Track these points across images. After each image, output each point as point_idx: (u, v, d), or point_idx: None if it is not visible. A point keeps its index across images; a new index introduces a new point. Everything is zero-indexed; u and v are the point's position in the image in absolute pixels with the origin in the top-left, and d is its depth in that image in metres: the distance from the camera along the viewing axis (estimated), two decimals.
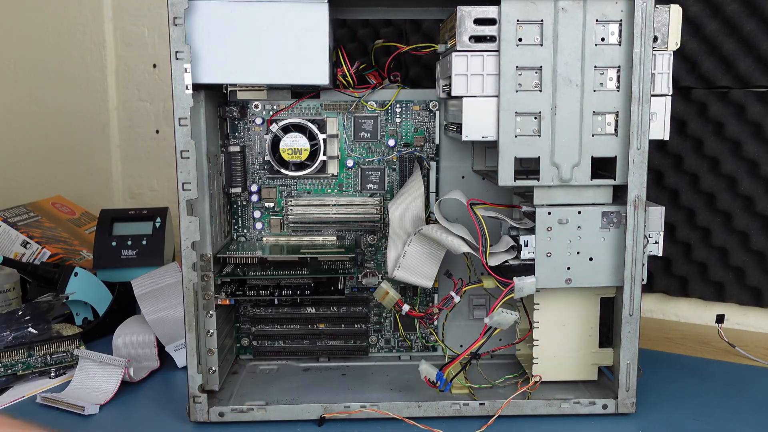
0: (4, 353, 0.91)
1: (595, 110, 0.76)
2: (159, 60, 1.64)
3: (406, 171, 0.93)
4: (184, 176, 0.76)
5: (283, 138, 0.89)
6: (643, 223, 0.77)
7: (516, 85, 0.75)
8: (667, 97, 0.77)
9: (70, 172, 1.74)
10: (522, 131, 0.76)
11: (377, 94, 0.92)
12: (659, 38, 0.76)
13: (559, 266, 0.78)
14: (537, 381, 0.83)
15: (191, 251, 0.78)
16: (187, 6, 0.74)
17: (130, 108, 1.68)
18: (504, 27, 0.74)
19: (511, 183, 0.77)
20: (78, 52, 1.68)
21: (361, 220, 0.94)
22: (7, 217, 1.30)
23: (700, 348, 1.04)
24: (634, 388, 0.80)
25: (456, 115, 0.81)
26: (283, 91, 0.91)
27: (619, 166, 0.77)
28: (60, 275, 1.09)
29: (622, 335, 0.79)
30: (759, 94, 1.06)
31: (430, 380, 0.80)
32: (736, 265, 1.11)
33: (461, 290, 0.81)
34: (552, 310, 0.83)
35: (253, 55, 0.77)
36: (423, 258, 0.84)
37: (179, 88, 0.74)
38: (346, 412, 0.80)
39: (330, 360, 0.95)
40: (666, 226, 1.08)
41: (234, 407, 0.79)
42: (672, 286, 1.17)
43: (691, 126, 1.11)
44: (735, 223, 1.09)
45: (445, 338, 0.94)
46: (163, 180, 1.68)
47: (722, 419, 0.80)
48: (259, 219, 0.94)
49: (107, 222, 1.22)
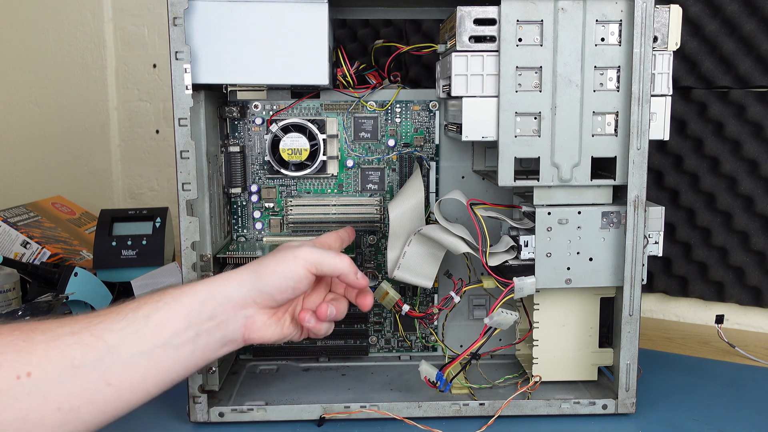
0: None
1: (595, 110, 0.76)
2: (159, 60, 1.64)
3: (406, 171, 0.93)
4: (184, 176, 0.76)
5: (283, 138, 0.89)
6: (643, 223, 0.77)
7: (516, 85, 0.75)
8: (667, 97, 0.77)
9: (70, 172, 1.74)
10: (522, 131, 0.76)
11: (377, 94, 0.92)
12: (659, 38, 0.76)
13: (559, 266, 0.78)
14: (537, 381, 0.83)
15: (191, 251, 0.78)
16: (187, 6, 0.74)
17: (130, 108, 1.68)
18: (504, 27, 0.74)
19: (511, 183, 0.77)
20: (78, 52, 1.68)
21: (360, 221, 0.94)
22: (7, 217, 1.30)
23: (700, 348, 1.04)
24: (634, 388, 0.80)
25: (456, 115, 0.81)
26: (283, 91, 0.91)
27: (619, 166, 0.77)
28: (60, 275, 1.09)
29: (622, 335, 0.79)
30: (759, 94, 1.06)
31: (430, 380, 0.80)
32: (736, 265, 1.11)
33: (461, 290, 0.81)
34: (552, 311, 0.83)
35: (253, 55, 0.77)
36: (423, 258, 0.84)
37: (179, 89, 0.74)
38: (345, 413, 0.80)
39: (330, 360, 0.95)
40: (666, 226, 1.09)
41: (234, 407, 0.80)
42: (672, 286, 1.17)
43: (691, 126, 1.11)
44: (735, 223, 1.09)
45: (445, 338, 0.94)
46: (163, 180, 1.68)
47: (722, 419, 0.80)
48: (259, 219, 0.94)
49: (107, 222, 1.22)
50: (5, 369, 0.54)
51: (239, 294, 0.68)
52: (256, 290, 0.68)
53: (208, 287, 0.67)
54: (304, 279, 0.69)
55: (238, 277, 0.69)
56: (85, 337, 0.59)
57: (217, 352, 0.68)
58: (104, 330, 0.60)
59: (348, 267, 0.72)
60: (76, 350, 0.58)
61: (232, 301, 0.67)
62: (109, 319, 0.61)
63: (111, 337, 0.60)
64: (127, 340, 0.61)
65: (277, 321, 0.71)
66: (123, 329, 0.61)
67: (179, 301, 0.65)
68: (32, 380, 0.55)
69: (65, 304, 1.09)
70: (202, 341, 0.65)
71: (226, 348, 0.68)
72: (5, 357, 0.55)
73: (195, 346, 0.65)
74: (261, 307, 0.69)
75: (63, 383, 0.56)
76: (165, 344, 0.63)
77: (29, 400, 0.55)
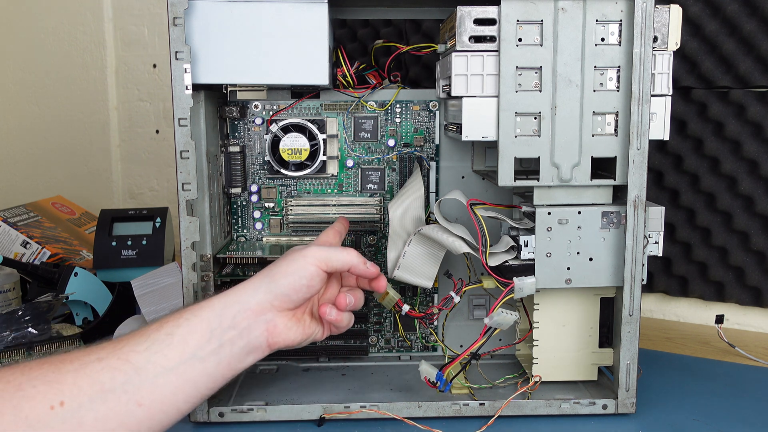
0: (4, 353, 0.91)
1: (595, 110, 0.76)
2: (159, 60, 1.64)
3: (406, 171, 0.93)
4: (184, 176, 0.76)
5: (282, 138, 0.89)
6: (643, 223, 0.77)
7: (516, 85, 0.75)
8: (667, 97, 0.77)
9: (70, 172, 1.74)
10: (522, 131, 0.76)
11: (377, 94, 0.92)
12: (659, 38, 0.76)
13: (559, 266, 0.78)
14: (537, 381, 0.83)
15: (191, 251, 0.78)
16: (187, 6, 0.74)
17: (130, 108, 1.68)
18: (504, 27, 0.74)
19: (511, 183, 0.77)
20: (78, 52, 1.68)
21: (360, 220, 0.94)
22: (7, 217, 1.30)
23: (700, 348, 1.04)
24: (634, 388, 0.80)
25: (456, 115, 0.81)
26: (283, 91, 0.91)
27: (619, 166, 0.77)
28: (60, 275, 1.09)
29: (622, 335, 0.79)
30: (759, 94, 1.06)
31: (430, 380, 0.80)
32: (736, 265, 1.11)
33: (461, 290, 0.81)
34: (552, 311, 0.83)
35: (253, 55, 0.77)
36: (423, 258, 0.84)
37: (179, 89, 0.74)
38: (345, 413, 0.80)
39: (330, 360, 0.95)
40: (666, 226, 1.09)
41: (234, 407, 0.79)
42: (672, 286, 1.17)
43: (691, 126, 1.11)
44: (735, 223, 1.09)
45: (445, 338, 0.94)
46: (163, 180, 1.68)
47: (722, 419, 0.80)
48: (258, 219, 0.94)
49: (107, 222, 1.22)
50: (38, 401, 0.56)
51: (255, 299, 0.69)
52: (272, 293, 0.69)
53: (224, 298, 0.69)
54: (316, 276, 0.71)
55: (252, 284, 0.70)
56: (112, 362, 0.60)
57: (243, 362, 0.69)
58: (129, 352, 0.61)
59: (356, 258, 0.74)
60: (104, 375, 0.59)
61: (250, 307, 0.68)
62: (133, 341, 0.63)
63: (137, 358, 0.61)
64: (153, 360, 0.62)
65: (297, 322, 0.72)
66: (147, 349, 0.62)
67: (198, 315, 0.66)
68: (65, 409, 0.56)
69: (65, 304, 1.09)
70: (227, 351, 0.66)
71: (252, 356, 0.69)
72: (37, 389, 0.56)
73: (220, 357, 0.66)
74: (279, 310, 0.70)
75: (95, 408, 0.58)
76: (190, 358, 0.64)
77: (64, 427, 0.56)
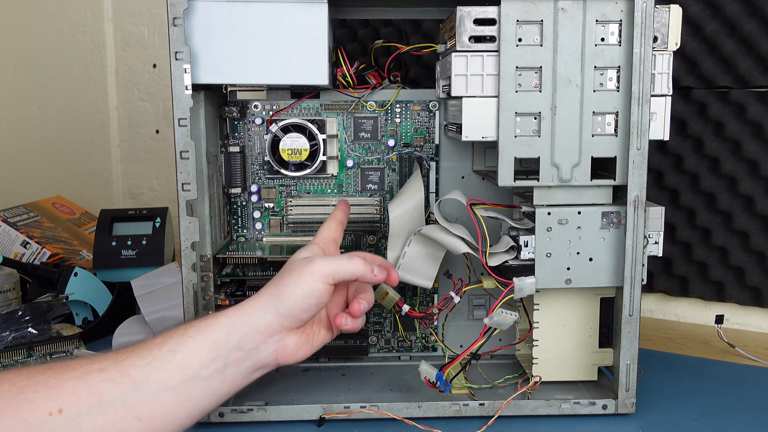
0: (3, 353, 0.91)
1: (595, 110, 0.76)
2: (159, 60, 1.64)
3: (406, 171, 0.93)
4: (184, 177, 0.76)
5: (282, 138, 0.89)
6: (643, 224, 0.77)
7: (516, 85, 0.75)
8: (667, 97, 0.77)
9: (70, 172, 1.74)
10: (522, 131, 0.76)
11: (377, 94, 0.92)
12: (659, 38, 0.76)
13: (558, 266, 0.78)
14: (537, 381, 0.83)
15: (191, 252, 0.78)
16: (187, 6, 0.74)
17: (130, 108, 1.68)
18: (504, 27, 0.74)
19: (510, 183, 0.77)
20: (78, 52, 1.68)
21: (360, 221, 0.94)
22: (7, 217, 1.30)
23: (700, 348, 1.04)
24: (634, 388, 0.80)
25: (456, 115, 0.81)
26: (283, 91, 0.91)
27: (619, 166, 0.77)
28: (60, 275, 1.09)
29: (621, 335, 0.79)
30: (759, 94, 1.06)
31: (430, 380, 0.80)
32: (736, 265, 1.11)
33: (461, 290, 0.81)
34: (552, 311, 0.83)
35: (253, 55, 0.77)
36: (423, 258, 0.84)
37: (179, 89, 0.74)
38: (345, 413, 0.80)
39: (330, 360, 0.95)
40: (666, 226, 1.08)
41: (234, 407, 0.79)
42: (672, 286, 1.17)
43: (691, 126, 1.11)
44: (735, 223, 1.09)
45: (445, 338, 0.94)
46: (163, 180, 1.68)
47: (722, 419, 0.80)
48: (258, 219, 0.94)
49: (107, 222, 1.22)
50: (37, 406, 0.56)
51: (264, 321, 0.68)
52: (281, 315, 0.68)
53: (232, 317, 0.67)
54: (324, 293, 0.69)
55: (260, 304, 0.69)
56: (112, 373, 0.60)
57: (248, 378, 0.69)
58: (130, 366, 0.61)
59: (362, 268, 0.72)
60: (103, 386, 0.59)
61: (258, 329, 0.68)
62: (135, 354, 0.62)
63: (137, 372, 0.61)
64: (153, 376, 0.61)
65: (307, 338, 0.72)
66: (148, 365, 0.62)
67: (203, 333, 0.66)
68: (63, 416, 0.56)
69: (65, 304, 1.09)
70: (231, 371, 0.66)
71: (259, 372, 0.69)
72: (38, 394, 0.56)
73: (224, 376, 0.66)
74: (289, 330, 0.70)
75: (92, 419, 0.57)
76: (193, 377, 0.63)
77: None
